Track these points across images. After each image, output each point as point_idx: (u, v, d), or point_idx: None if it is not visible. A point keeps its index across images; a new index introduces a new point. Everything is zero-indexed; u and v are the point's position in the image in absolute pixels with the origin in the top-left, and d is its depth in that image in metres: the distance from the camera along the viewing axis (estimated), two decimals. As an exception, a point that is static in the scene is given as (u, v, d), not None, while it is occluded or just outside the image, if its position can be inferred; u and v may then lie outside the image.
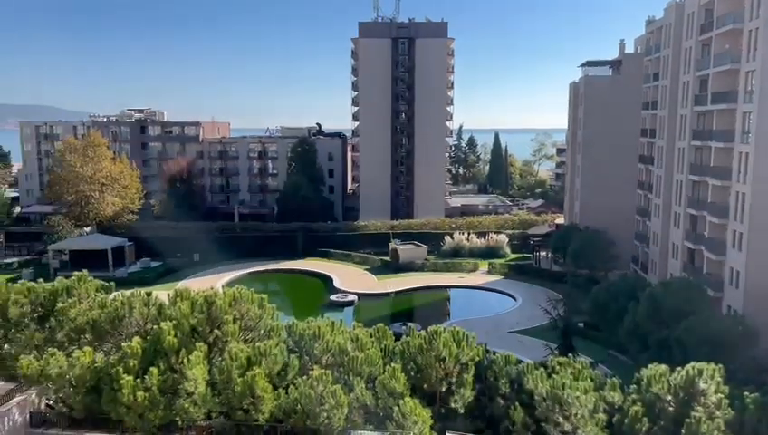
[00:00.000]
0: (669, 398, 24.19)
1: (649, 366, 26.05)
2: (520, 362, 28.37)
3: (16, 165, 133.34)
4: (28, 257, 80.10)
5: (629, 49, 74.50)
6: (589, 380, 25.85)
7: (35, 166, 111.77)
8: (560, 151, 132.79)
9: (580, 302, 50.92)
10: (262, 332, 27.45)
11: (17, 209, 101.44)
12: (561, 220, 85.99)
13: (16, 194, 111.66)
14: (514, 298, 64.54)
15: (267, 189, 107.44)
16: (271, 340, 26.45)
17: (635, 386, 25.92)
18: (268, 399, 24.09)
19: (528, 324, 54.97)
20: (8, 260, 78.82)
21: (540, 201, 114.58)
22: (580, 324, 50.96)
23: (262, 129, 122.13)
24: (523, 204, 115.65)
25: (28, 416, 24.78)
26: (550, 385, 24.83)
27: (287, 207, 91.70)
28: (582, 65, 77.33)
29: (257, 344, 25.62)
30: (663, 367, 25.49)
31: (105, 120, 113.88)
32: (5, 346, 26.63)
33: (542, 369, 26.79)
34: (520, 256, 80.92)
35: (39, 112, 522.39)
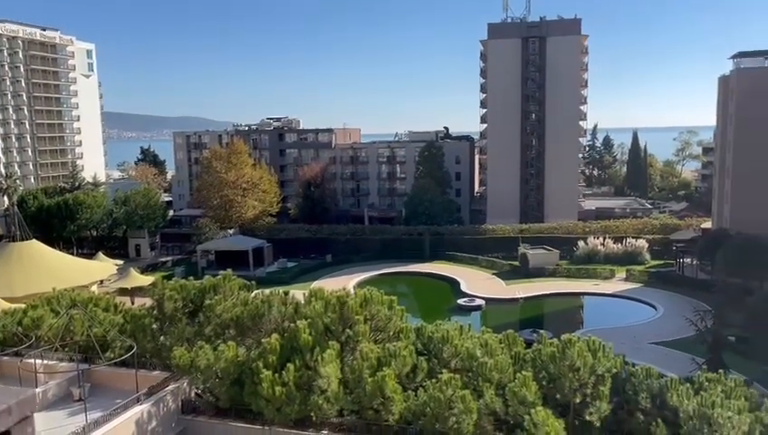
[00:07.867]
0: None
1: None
2: (662, 376, 26.48)
3: (170, 172, 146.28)
4: (180, 256, 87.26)
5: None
6: (742, 399, 23.52)
7: (186, 172, 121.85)
8: (706, 151, 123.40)
9: (731, 313, 46.73)
10: (391, 333, 27.75)
11: (171, 213, 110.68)
12: (707, 225, 79.50)
13: (170, 199, 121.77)
14: (655, 308, 60.63)
15: (395, 193, 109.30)
16: (400, 341, 26.72)
17: (798, 408, 23.25)
18: (398, 400, 24.35)
19: (670, 336, 51.37)
20: (163, 259, 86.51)
21: (683, 204, 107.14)
22: (731, 338, 46.72)
23: (390, 133, 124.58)
24: (664, 207, 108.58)
25: (180, 403, 26.81)
26: (697, 403, 22.87)
27: (414, 211, 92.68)
28: (734, 57, 70.92)
29: (387, 345, 25.99)
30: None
31: (247, 128, 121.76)
32: (161, 338, 28.95)
33: (687, 385, 24.77)
34: (661, 262, 76.11)
35: (190, 123, 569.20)
